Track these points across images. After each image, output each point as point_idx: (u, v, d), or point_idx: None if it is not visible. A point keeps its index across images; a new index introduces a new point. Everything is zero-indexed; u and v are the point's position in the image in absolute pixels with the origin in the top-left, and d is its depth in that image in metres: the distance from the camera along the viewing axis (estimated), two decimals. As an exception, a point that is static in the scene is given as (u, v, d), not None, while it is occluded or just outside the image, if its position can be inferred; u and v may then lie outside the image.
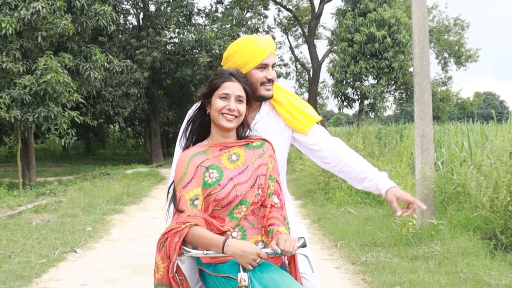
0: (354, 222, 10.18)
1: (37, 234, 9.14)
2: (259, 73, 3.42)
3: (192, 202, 3.01)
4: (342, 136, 21.77)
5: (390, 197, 3.31)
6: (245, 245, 2.79)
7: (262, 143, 3.30)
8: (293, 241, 2.82)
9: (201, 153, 3.17)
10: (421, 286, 6.20)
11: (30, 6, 15.12)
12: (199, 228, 2.88)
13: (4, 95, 14.68)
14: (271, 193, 3.16)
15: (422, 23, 9.30)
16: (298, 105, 3.55)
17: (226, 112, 3.13)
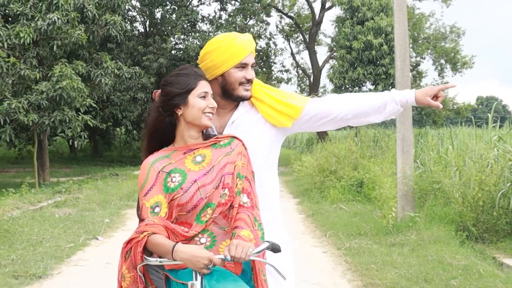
0: (344, 216, 11.34)
1: (62, 225, 10.37)
2: (237, 73, 3.33)
3: (153, 210, 2.95)
4: (341, 139, 22.79)
5: (424, 101, 3.25)
6: (195, 250, 2.72)
7: (230, 141, 3.19)
8: (246, 247, 2.70)
9: (164, 158, 3.10)
10: (392, 265, 7.34)
11: (46, 17, 16.22)
12: (156, 237, 2.81)
13: (22, 100, 15.76)
14: (238, 191, 3.04)
15: (403, 39, 10.46)
16: (280, 97, 3.43)
17: (208, 111, 3.08)
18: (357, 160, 15.98)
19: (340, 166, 15.86)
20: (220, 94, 3.36)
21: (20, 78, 16.21)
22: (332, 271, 7.52)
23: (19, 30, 15.90)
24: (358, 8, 29.40)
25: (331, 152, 17.09)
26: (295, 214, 12.83)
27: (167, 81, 3.13)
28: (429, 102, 3.23)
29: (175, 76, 3.12)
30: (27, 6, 16.47)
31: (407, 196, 10.08)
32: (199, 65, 3.41)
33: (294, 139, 54.47)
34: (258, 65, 35.23)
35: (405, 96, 3.30)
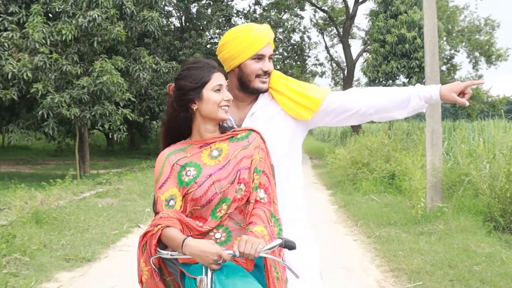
0: (375, 207, 11.70)
1: (106, 213, 10.94)
2: (254, 65, 3.25)
3: (167, 202, 2.91)
4: (374, 132, 23.04)
5: (449, 97, 3.12)
6: (204, 245, 2.65)
7: (247, 134, 3.11)
8: (256, 243, 2.64)
9: (179, 151, 3.05)
10: (419, 252, 7.71)
11: (87, 14, 16.76)
12: (169, 230, 2.76)
13: (64, 95, 16.34)
14: (255, 186, 2.97)
15: (433, 35, 10.76)
16: (299, 89, 3.33)
17: (224, 104, 3.01)
18: (389, 152, 16.31)
19: (373, 158, 16.21)
20: (238, 86, 3.32)
21: (62, 74, 16.78)
22: (361, 257, 7.94)
23: (61, 27, 16.45)
24: (391, 1, 29.55)
25: (363, 145, 17.47)
26: (328, 205, 13.23)
27: (180, 76, 3.07)
28: (454, 99, 3.10)
29: (188, 70, 3.06)
30: (68, 3, 17.03)
31: (436, 187, 10.41)
32: (218, 56, 3.40)
33: (329, 132, 54.74)
34: (292, 59, 35.53)
35: (430, 91, 3.17)
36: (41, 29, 16.09)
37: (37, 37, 15.79)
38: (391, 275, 6.95)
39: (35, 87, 15.60)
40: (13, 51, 16.15)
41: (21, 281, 6.34)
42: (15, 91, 15.84)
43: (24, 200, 11.06)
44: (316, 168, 23.91)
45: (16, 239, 7.58)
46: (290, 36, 35.13)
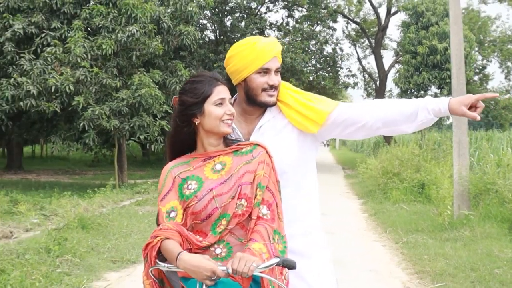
0: (404, 215, 12.11)
1: (146, 220, 11.51)
2: (260, 79, 3.19)
3: (168, 214, 2.87)
4: (406, 143, 23.35)
5: (459, 110, 2.97)
6: (198, 260, 2.60)
7: (252, 148, 3.06)
8: (250, 261, 2.58)
9: (183, 164, 3.02)
10: (444, 257, 8.12)
11: (126, 29, 17.42)
12: (168, 242, 2.72)
13: (104, 107, 16.99)
14: (258, 202, 2.90)
15: (459, 49, 11.20)
16: (306, 101, 3.26)
17: (227, 118, 2.96)
18: (420, 162, 16.67)
19: (403, 168, 16.58)
20: (245, 99, 3.28)
21: (102, 87, 17.45)
22: (389, 261, 8.39)
23: (101, 42, 17.12)
24: (422, 13, 29.78)
25: (394, 155, 17.85)
26: (359, 213, 13.66)
27: (183, 90, 3.05)
28: (463, 112, 2.96)
29: (190, 83, 3.02)
30: (108, 19, 17.71)
31: (463, 195, 10.79)
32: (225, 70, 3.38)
33: (362, 142, 54.88)
34: (325, 70, 35.91)
35: (439, 104, 3.02)
36: (82, 44, 16.78)
37: (79, 52, 16.49)
38: (415, 277, 7.40)
39: (76, 99, 16.25)
40: (56, 65, 16.85)
41: (74, 279, 6.92)
42: (58, 103, 16.53)
43: (69, 207, 11.70)
44: (348, 178, 24.32)
45: (67, 242, 8.19)
46: (323, 47, 35.48)
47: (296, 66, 28.67)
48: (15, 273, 6.49)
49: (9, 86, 16.59)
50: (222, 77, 3.03)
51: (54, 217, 11.38)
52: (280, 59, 3.31)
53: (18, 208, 12.01)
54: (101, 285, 7.00)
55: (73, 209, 11.49)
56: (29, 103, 16.40)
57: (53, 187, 17.04)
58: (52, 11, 18.42)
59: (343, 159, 40.28)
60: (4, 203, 12.91)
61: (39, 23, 17.88)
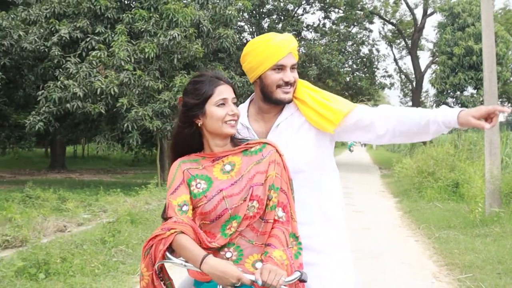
0: (437, 212, 12.50)
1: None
2: (274, 75, 3.15)
3: (180, 208, 2.77)
4: (442, 143, 23.64)
5: (466, 121, 2.84)
6: (226, 266, 2.54)
7: (261, 147, 2.98)
8: (279, 274, 2.55)
9: (192, 161, 2.94)
10: (473, 251, 8.52)
11: (168, 33, 18.02)
12: (184, 237, 2.63)
13: (147, 108, 17.62)
14: (274, 205, 2.84)
15: (491, 52, 11.52)
16: (324, 100, 3.20)
17: (229, 119, 2.87)
18: (454, 162, 17.02)
19: (438, 168, 16.95)
20: (261, 97, 3.24)
21: (144, 89, 18.03)
22: (421, 255, 8.83)
23: (144, 46, 17.76)
24: (459, 14, 29.93)
25: (429, 155, 18.20)
26: (394, 211, 14.07)
27: (185, 90, 2.98)
28: (471, 123, 2.84)
29: (192, 84, 2.95)
30: (150, 23, 18.34)
31: (494, 194, 11.16)
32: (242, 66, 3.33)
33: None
34: (361, 71, 36.23)
35: (448, 116, 2.93)
36: (126, 48, 17.43)
37: (123, 55, 17.13)
38: (445, 268, 7.83)
39: (120, 101, 16.89)
40: (101, 68, 17.53)
41: (128, 267, 7.52)
42: (103, 105, 17.21)
43: (116, 204, 12.36)
44: (384, 178, 24.70)
45: (120, 234, 8.82)
46: (359, 48, 35.85)
47: (332, 67, 29.01)
48: (76, 261, 7.12)
49: (56, 89, 17.20)
50: (225, 77, 2.97)
51: (103, 213, 12.03)
52: (297, 56, 3.28)
53: (66, 205, 12.67)
54: (152, 273, 7.57)
55: (120, 205, 12.15)
56: (76, 105, 17.01)
57: (97, 185, 17.75)
58: (96, 16, 19.13)
59: (380, 159, 40.56)
60: (53, 200, 13.58)
61: (84, 28, 18.57)
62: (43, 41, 18.60)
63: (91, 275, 6.91)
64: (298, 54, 3.34)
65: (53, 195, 14.17)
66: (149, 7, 19.02)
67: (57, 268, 6.84)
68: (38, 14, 18.96)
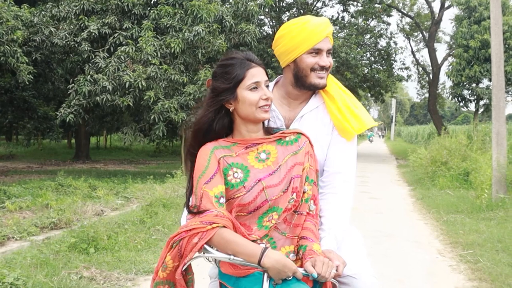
0: (448, 199, 13.28)
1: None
2: (310, 59, 3.07)
3: (218, 200, 2.63)
4: (457, 134, 24.33)
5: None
6: (285, 259, 2.49)
7: (297, 137, 2.90)
8: (331, 266, 2.54)
9: (224, 148, 2.79)
10: (476, 232, 9.32)
11: (192, 29, 18.80)
12: (228, 231, 2.54)
13: (173, 101, 18.43)
14: (308, 198, 2.81)
15: (499, 49, 12.28)
16: (351, 105, 3.16)
17: (263, 104, 2.75)
18: (466, 152, 17.78)
19: (451, 157, 17.74)
20: (293, 82, 3.16)
21: (170, 82, 18.79)
22: (428, 235, 9.65)
23: (169, 41, 18.57)
24: (475, 8, 30.31)
25: (443, 146, 18.96)
26: (408, 198, 14.85)
27: (214, 74, 2.86)
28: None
29: (221, 67, 2.82)
30: (175, 19, 19.11)
31: (500, 181, 11.93)
32: (274, 51, 3.26)
33: (416, 134, 55.54)
34: (379, 63, 36.79)
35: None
36: (152, 43, 18.25)
37: (150, 50, 17.92)
38: (449, 246, 8.66)
39: (147, 94, 17.67)
40: (129, 63, 18.35)
41: (166, 244, 8.42)
42: (131, 98, 18.05)
43: (145, 191, 13.27)
44: (401, 168, 25.47)
45: (157, 215, 9.75)
46: (377, 41, 36.41)
47: (350, 60, 29.60)
48: (120, 238, 8.04)
49: (86, 82, 18.01)
50: (256, 58, 2.85)
51: (135, 199, 12.93)
52: (332, 41, 3.19)
53: (97, 193, 13.57)
54: (188, 250, 8.48)
55: (150, 192, 13.06)
56: (105, 98, 17.82)
57: (123, 175, 18.65)
58: (123, 13, 19.92)
59: (397, 149, 41.30)
60: (84, 188, 14.45)
61: (112, 24, 19.34)
62: (73, 37, 19.42)
63: (134, 250, 7.78)
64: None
65: (84, 183, 15.01)
66: (174, 4, 19.75)
67: (104, 244, 7.72)
68: (68, 11, 19.74)
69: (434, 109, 36.44)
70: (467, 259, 7.68)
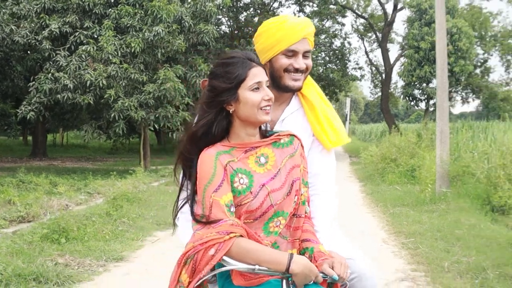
0: (395, 193, 14.09)
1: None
2: (284, 59, 2.97)
3: (229, 208, 2.54)
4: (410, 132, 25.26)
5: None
6: (311, 264, 2.46)
7: (291, 139, 2.83)
8: (347, 266, 2.55)
9: (225, 153, 2.69)
10: (419, 223, 10.10)
11: (152, 29, 19.24)
12: (247, 240, 2.47)
13: (133, 99, 18.87)
14: (304, 200, 2.79)
15: (443, 52, 13.09)
16: (331, 117, 3.08)
17: (265, 105, 2.65)
18: (415, 150, 18.68)
19: (400, 155, 18.64)
20: (270, 82, 2.89)
21: (130, 81, 19.26)
22: (375, 226, 10.43)
23: (130, 41, 19.01)
24: (426, 10, 31.41)
25: (393, 143, 19.85)
26: (358, 193, 15.62)
27: (213, 73, 2.73)
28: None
29: (222, 66, 2.70)
30: (135, 19, 19.55)
31: (443, 176, 12.78)
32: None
33: (370, 132, 56.68)
34: (333, 63, 37.60)
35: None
36: (113, 42, 18.69)
37: (110, 50, 18.38)
38: (393, 235, 9.43)
39: (108, 93, 18.08)
40: (90, 62, 18.74)
41: (132, 235, 9.02)
42: (92, 96, 18.45)
43: (107, 187, 13.80)
44: (353, 165, 26.32)
45: (122, 209, 10.35)
46: (332, 41, 37.22)
47: (305, 60, 30.16)
48: (89, 229, 8.64)
49: (46, 80, 18.43)
50: (256, 57, 2.77)
51: (97, 195, 13.45)
52: (312, 43, 3.09)
53: (58, 189, 14.01)
54: (152, 239, 9.10)
55: (111, 188, 13.59)
56: (66, 96, 18.29)
57: (82, 172, 19.03)
58: (84, 12, 20.25)
59: (351, 147, 42.08)
60: (45, 184, 14.83)
61: (73, 23, 19.69)
62: (34, 35, 19.65)
63: (102, 240, 8.38)
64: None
65: (45, 180, 15.35)
66: (135, 4, 20.17)
67: (74, 235, 8.30)
68: (29, 9, 19.94)
69: (386, 108, 37.43)
70: (408, 246, 8.44)
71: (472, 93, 40.24)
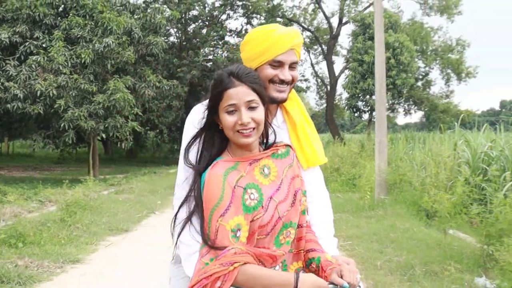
0: (337, 201, 14.73)
1: (128, 204, 13.99)
2: (269, 70, 2.79)
3: (235, 234, 2.41)
4: (352, 143, 26.08)
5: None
6: (319, 280, 2.38)
7: (287, 150, 2.78)
8: (356, 272, 2.48)
9: (232, 169, 2.52)
10: (357, 227, 10.76)
11: (102, 40, 19.66)
12: (252, 266, 2.37)
13: (83, 109, 19.21)
14: (304, 210, 2.71)
15: (381, 67, 13.82)
16: (310, 135, 3.02)
17: (240, 129, 2.47)
18: (357, 159, 19.46)
19: (342, 164, 19.37)
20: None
21: (80, 91, 19.58)
22: (316, 231, 11.04)
23: (80, 52, 19.35)
24: (369, 25, 32.34)
25: (336, 153, 20.60)
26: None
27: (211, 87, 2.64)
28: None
29: (213, 80, 2.60)
30: (86, 30, 19.93)
31: (381, 184, 13.52)
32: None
33: (316, 142, 57.63)
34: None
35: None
36: (63, 53, 18.98)
37: (61, 60, 18.67)
38: (332, 238, 10.06)
39: (58, 103, 18.39)
40: (40, 72, 18.99)
41: (86, 239, 9.51)
42: (42, 106, 18.68)
43: (58, 195, 14.14)
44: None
45: (75, 215, 10.78)
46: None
47: (253, 71, 30.75)
48: (45, 235, 9.06)
49: (-4, 90, 18.48)
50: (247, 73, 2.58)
51: (48, 203, 13.79)
52: (299, 54, 2.94)
53: (7, 198, 14.22)
54: (105, 243, 9.61)
55: (62, 196, 13.93)
56: (16, 105, 18.47)
57: (31, 181, 19.20)
58: (34, 22, 20.48)
59: (297, 157, 42.92)
60: (-7, 194, 15.07)
61: (23, 33, 19.89)
62: (-18, 44, 19.65)
63: (58, 244, 8.83)
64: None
65: (-8, 189, 15.57)
66: (85, 15, 20.54)
67: (31, 239, 8.72)
68: (-22, 18, 19.92)
69: (331, 118, 38.33)
70: (346, 248, 9.10)
71: (414, 105, 41.46)
